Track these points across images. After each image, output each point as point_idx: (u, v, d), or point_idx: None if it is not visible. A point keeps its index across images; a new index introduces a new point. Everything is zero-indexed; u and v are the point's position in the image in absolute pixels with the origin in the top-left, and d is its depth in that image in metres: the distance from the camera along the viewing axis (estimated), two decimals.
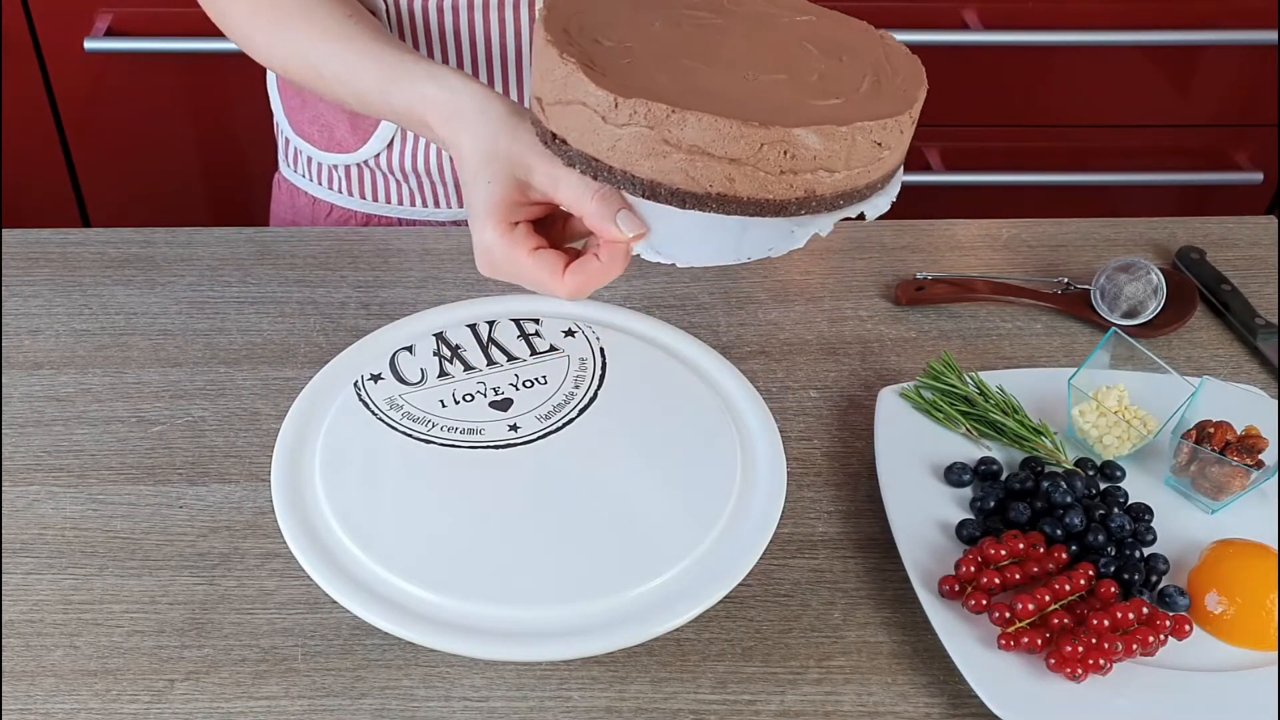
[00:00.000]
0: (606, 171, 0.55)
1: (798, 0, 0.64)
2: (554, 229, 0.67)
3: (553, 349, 0.77)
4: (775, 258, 0.60)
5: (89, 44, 1.48)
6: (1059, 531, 0.73)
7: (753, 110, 0.53)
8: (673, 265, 0.61)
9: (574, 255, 0.64)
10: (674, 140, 0.53)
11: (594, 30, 0.57)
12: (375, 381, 0.74)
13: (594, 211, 0.60)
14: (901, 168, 0.59)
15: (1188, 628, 0.69)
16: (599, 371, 0.76)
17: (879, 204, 0.58)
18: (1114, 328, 0.84)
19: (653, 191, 0.55)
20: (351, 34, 0.74)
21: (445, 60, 0.91)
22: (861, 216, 0.58)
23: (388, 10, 0.88)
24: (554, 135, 0.57)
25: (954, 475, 0.77)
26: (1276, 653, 0.69)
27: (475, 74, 0.92)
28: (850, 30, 0.62)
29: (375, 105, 0.72)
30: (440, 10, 0.88)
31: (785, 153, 0.52)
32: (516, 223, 0.64)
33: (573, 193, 0.60)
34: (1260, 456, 0.76)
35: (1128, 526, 0.74)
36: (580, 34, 0.57)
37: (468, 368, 0.76)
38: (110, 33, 1.49)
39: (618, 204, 0.59)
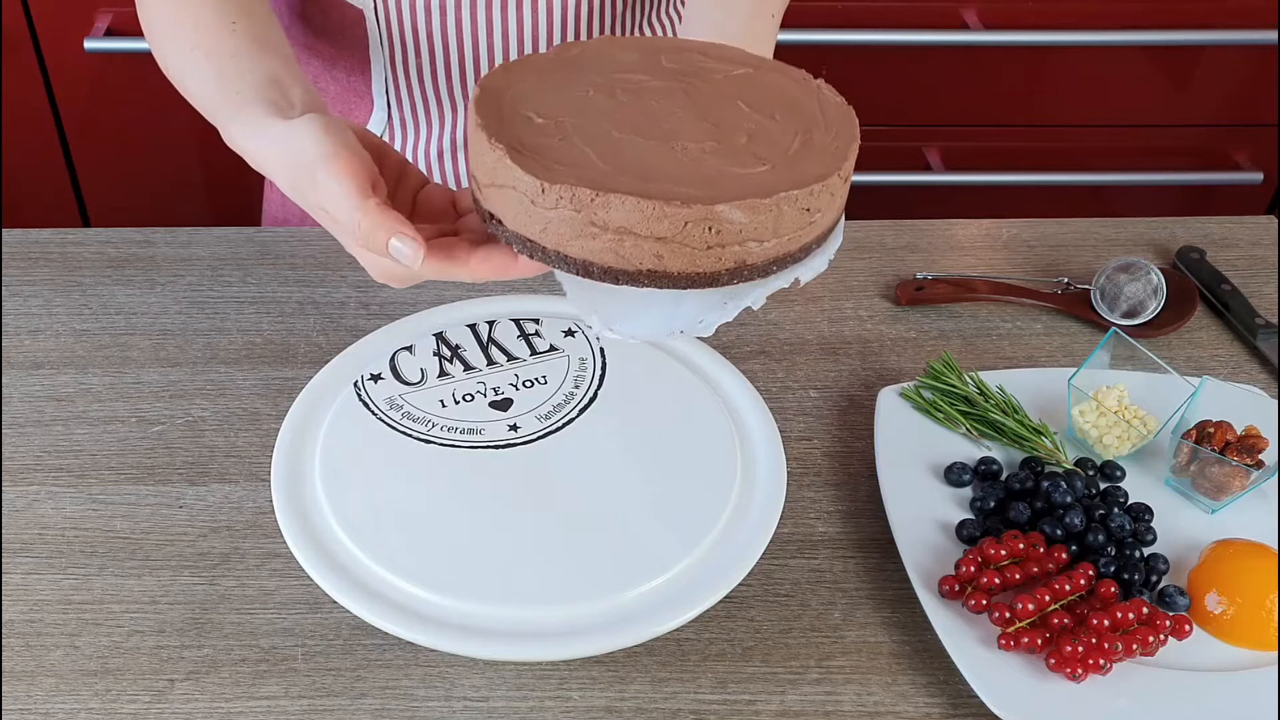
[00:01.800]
0: (541, 252, 0.56)
1: (736, 52, 0.63)
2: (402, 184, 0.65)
3: (553, 349, 0.77)
4: (709, 331, 0.60)
5: (89, 44, 1.48)
6: (1059, 531, 0.73)
7: (680, 184, 0.53)
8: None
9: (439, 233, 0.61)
10: (600, 222, 0.53)
11: (528, 103, 0.58)
12: (375, 381, 0.74)
13: (364, 238, 0.57)
14: (841, 223, 0.59)
15: (1188, 628, 0.69)
16: (599, 371, 0.76)
17: (815, 265, 0.58)
18: (1114, 328, 0.84)
19: (586, 270, 0.55)
20: (220, 50, 0.70)
21: (432, 62, 0.91)
22: (797, 282, 0.58)
23: (375, 11, 0.88)
24: (490, 215, 0.57)
25: (954, 475, 0.77)
26: (1276, 653, 0.69)
27: (462, 77, 0.92)
28: (786, 80, 0.61)
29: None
30: (428, 11, 0.88)
31: (710, 229, 0.53)
32: (373, 199, 0.59)
33: (343, 185, 0.57)
34: (1260, 456, 0.76)
35: (1128, 526, 0.74)
36: (512, 112, 0.57)
37: (468, 368, 0.76)
38: (110, 33, 1.49)
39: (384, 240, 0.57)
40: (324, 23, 0.93)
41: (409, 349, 0.77)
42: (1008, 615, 0.67)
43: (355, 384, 0.74)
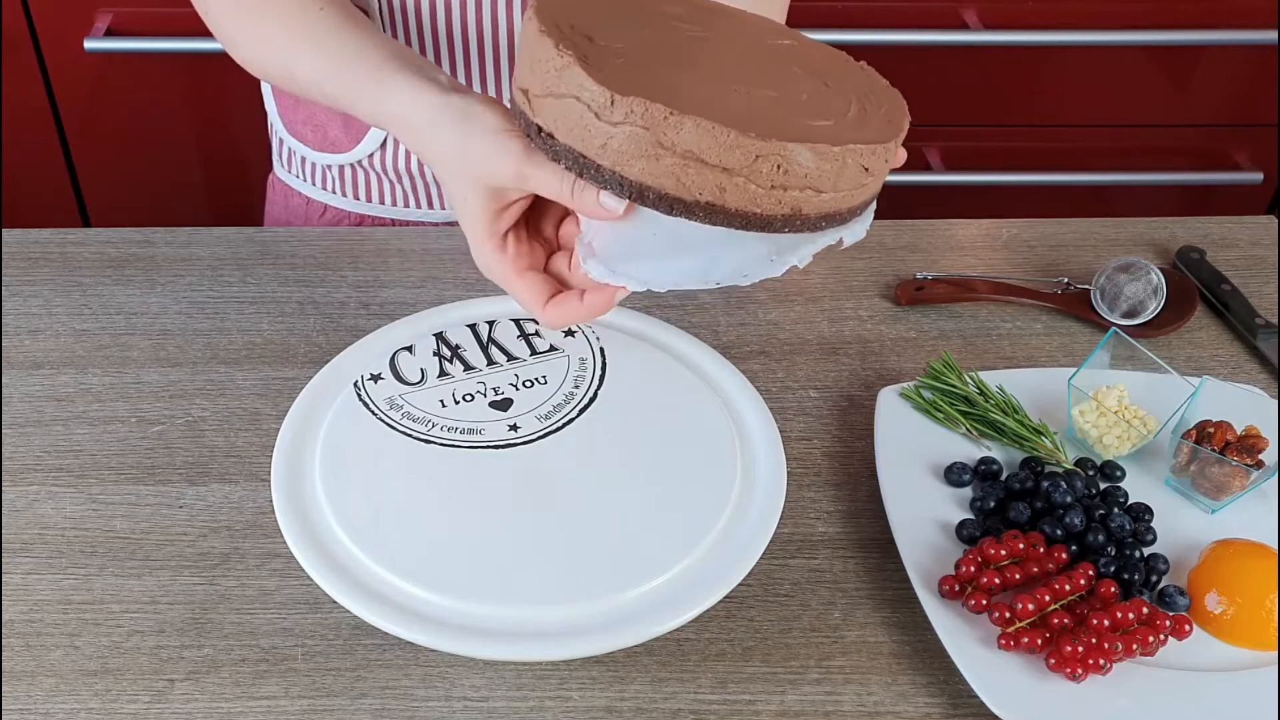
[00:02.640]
0: (594, 170, 0.54)
1: (778, 25, 0.63)
2: (544, 217, 0.68)
3: (553, 349, 0.77)
4: (749, 282, 0.60)
5: (89, 44, 1.48)
6: (1059, 531, 0.73)
7: (749, 122, 0.52)
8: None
9: (560, 286, 0.66)
10: (669, 144, 0.52)
11: (587, 27, 0.56)
12: (375, 381, 0.74)
13: (576, 198, 0.59)
14: (876, 197, 0.60)
15: (1188, 628, 0.69)
16: (599, 371, 0.76)
17: (856, 230, 0.59)
18: (1114, 328, 0.84)
19: (640, 194, 0.53)
20: (320, 34, 0.72)
21: (437, 58, 0.91)
22: (840, 243, 0.59)
23: (381, 9, 0.88)
24: (540, 129, 0.55)
25: (954, 475, 0.77)
26: (1276, 653, 0.69)
27: (466, 72, 0.92)
28: (831, 58, 0.61)
29: (350, 112, 0.72)
30: (432, 7, 0.88)
31: (779, 167, 0.52)
32: (506, 233, 0.65)
33: (548, 187, 0.60)
34: (1260, 456, 0.76)
35: (1128, 526, 0.74)
36: (571, 29, 0.56)
37: (468, 368, 0.76)
38: (110, 33, 1.49)
39: (596, 190, 0.58)
40: None
41: (409, 349, 0.77)
42: (1008, 615, 0.67)
43: (355, 384, 0.74)
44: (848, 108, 0.57)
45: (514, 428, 0.72)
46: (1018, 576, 0.71)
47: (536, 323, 0.79)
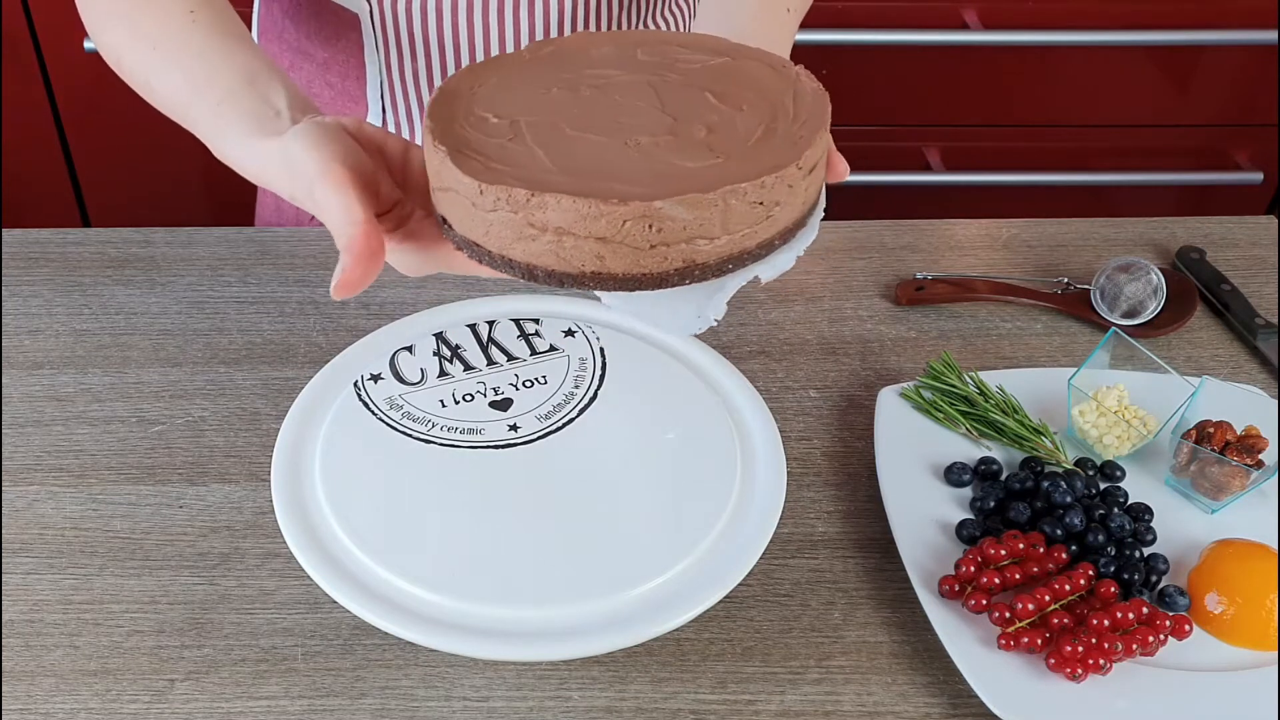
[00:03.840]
0: (487, 255, 0.54)
1: (718, 42, 0.61)
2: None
3: (552, 349, 0.77)
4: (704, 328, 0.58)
5: (89, 44, 1.47)
6: (1059, 531, 0.73)
7: (625, 181, 0.51)
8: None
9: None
10: (538, 223, 0.52)
11: (487, 103, 0.57)
12: (375, 381, 0.74)
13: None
14: (815, 217, 0.57)
15: (1188, 628, 0.69)
16: (599, 371, 0.76)
17: (779, 263, 0.56)
18: (1114, 328, 0.84)
19: (530, 274, 0.54)
20: (182, 47, 0.66)
21: (429, 65, 0.90)
22: (757, 280, 0.56)
23: (372, 15, 0.88)
24: (443, 219, 0.56)
25: (954, 475, 0.77)
26: (1276, 653, 0.69)
27: None
28: (763, 69, 0.59)
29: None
30: (424, 14, 0.87)
31: (651, 226, 0.51)
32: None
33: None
34: (1260, 456, 0.76)
35: (1128, 526, 0.74)
36: (468, 113, 0.56)
37: (468, 368, 0.76)
38: None
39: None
40: (318, 26, 0.93)
41: (409, 349, 0.77)
42: (1008, 615, 0.67)
43: (355, 384, 0.74)
44: (754, 133, 0.55)
45: (514, 428, 0.72)
46: (1018, 576, 0.71)
47: (537, 322, 0.79)
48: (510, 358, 0.77)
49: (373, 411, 0.73)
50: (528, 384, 0.75)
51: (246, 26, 0.72)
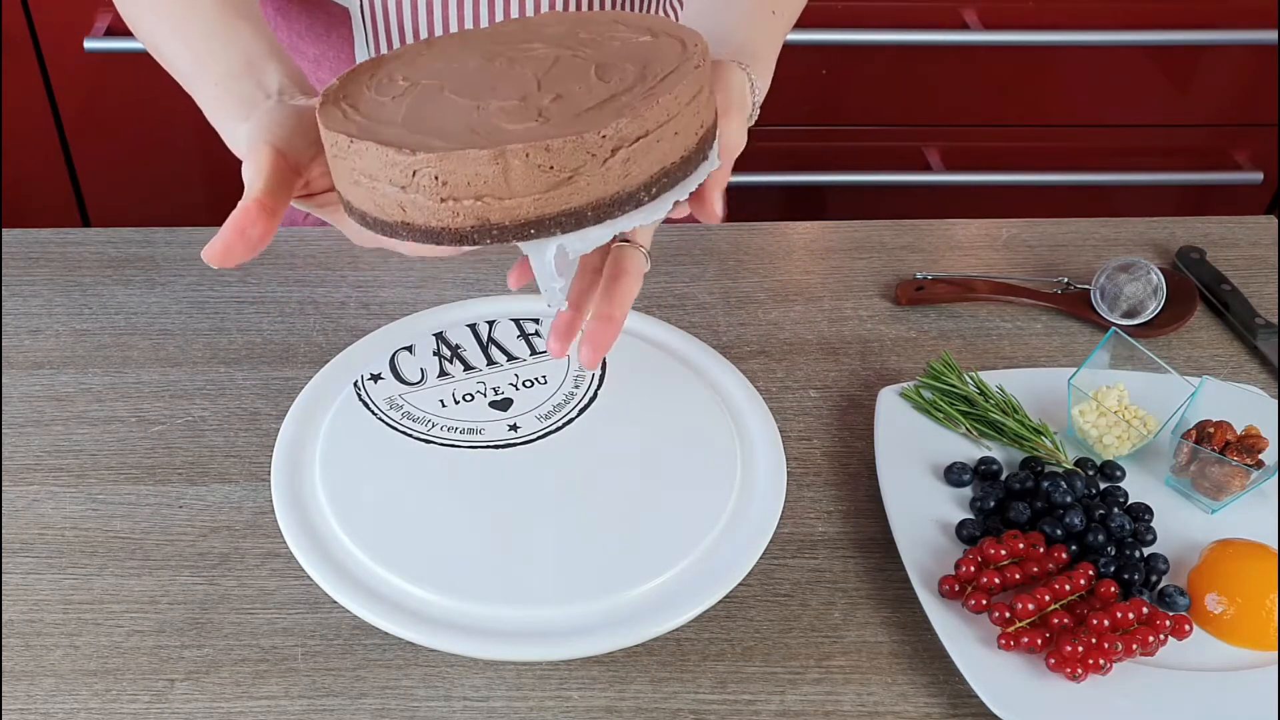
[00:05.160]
0: (343, 202, 0.58)
1: (660, 23, 0.61)
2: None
3: None
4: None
5: (89, 44, 1.48)
6: (1059, 531, 0.73)
7: (442, 137, 0.53)
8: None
9: None
10: (358, 169, 0.54)
11: (411, 67, 0.59)
12: (375, 381, 0.74)
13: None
14: (659, 206, 0.56)
15: (1188, 628, 0.69)
16: (599, 371, 0.76)
17: (592, 235, 0.55)
18: (1114, 328, 0.84)
19: (363, 219, 0.56)
20: (188, 17, 0.68)
21: None
22: (564, 250, 0.56)
23: (362, 10, 0.88)
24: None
25: (954, 475, 0.77)
26: (1276, 653, 0.69)
27: None
28: (674, 48, 0.58)
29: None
30: (414, 10, 0.87)
31: (437, 178, 0.52)
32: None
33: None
34: (1260, 456, 0.76)
35: (1128, 526, 0.74)
36: (389, 74, 0.59)
37: (468, 368, 0.76)
38: (110, 33, 1.49)
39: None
40: (310, 23, 0.93)
41: (409, 349, 0.77)
42: (1008, 615, 0.67)
43: (355, 384, 0.74)
44: (589, 101, 0.55)
45: (514, 428, 0.72)
46: (1018, 576, 0.71)
47: (537, 322, 0.79)
48: (510, 358, 0.77)
49: (373, 411, 0.73)
50: (528, 384, 0.75)
51: None
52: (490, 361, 0.76)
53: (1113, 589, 0.69)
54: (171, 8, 0.69)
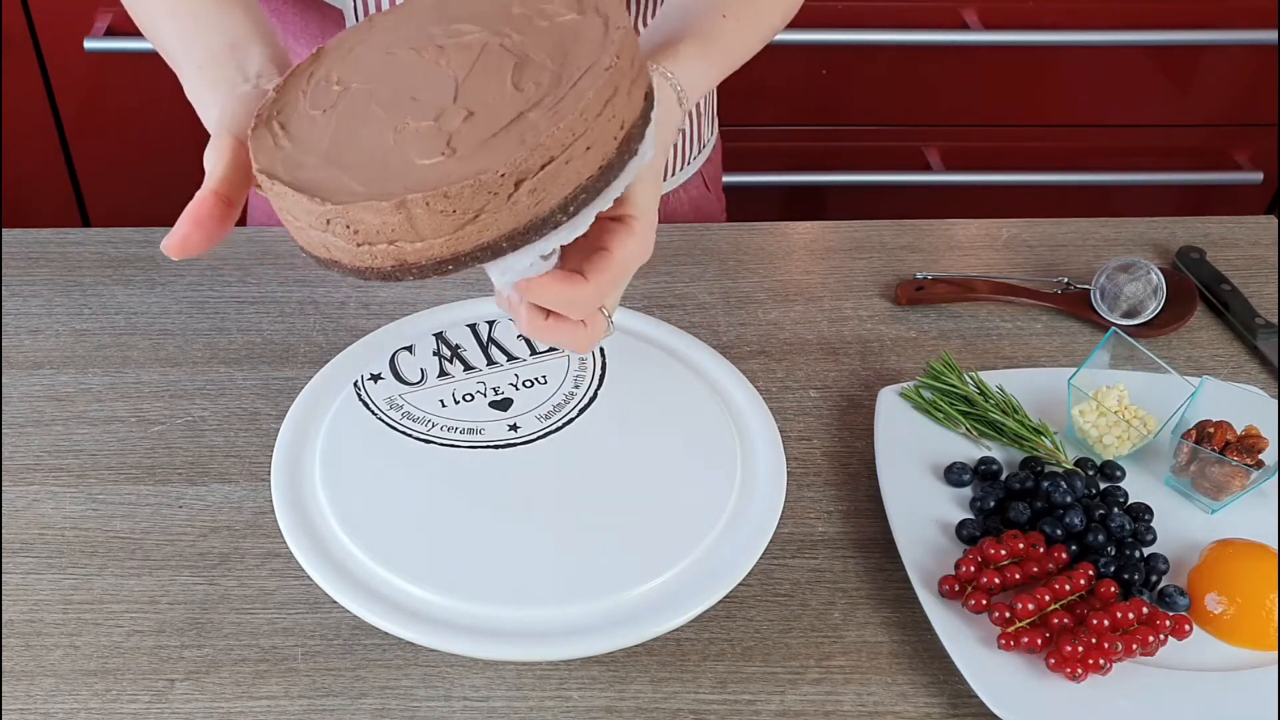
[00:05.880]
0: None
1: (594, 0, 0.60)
2: None
3: (552, 349, 0.77)
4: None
5: (89, 44, 1.48)
6: (1059, 531, 0.73)
7: (359, 175, 0.53)
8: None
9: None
10: (283, 209, 0.55)
11: (344, 67, 0.59)
12: (375, 381, 0.74)
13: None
14: (565, 229, 0.55)
15: (1188, 628, 0.69)
16: (599, 371, 0.76)
17: (514, 263, 0.56)
18: (1114, 328, 0.84)
19: (301, 251, 0.57)
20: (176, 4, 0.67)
21: None
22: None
23: (355, 7, 0.87)
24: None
25: (954, 475, 0.77)
26: (1276, 653, 0.69)
27: None
28: (595, 34, 0.57)
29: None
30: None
31: (348, 226, 0.53)
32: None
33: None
34: (1260, 456, 0.76)
35: (1128, 526, 0.74)
36: (327, 74, 0.59)
37: (468, 367, 0.76)
38: (110, 33, 1.49)
39: None
40: (304, 24, 0.93)
41: (409, 349, 0.77)
42: (1008, 615, 0.67)
43: (355, 384, 0.74)
44: (503, 122, 0.54)
45: (514, 428, 0.72)
46: (1018, 576, 0.71)
47: None
48: (510, 358, 0.77)
49: (373, 411, 0.72)
50: (528, 384, 0.75)
51: None
52: (490, 361, 0.76)
53: (1113, 589, 0.69)
54: None
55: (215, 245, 0.57)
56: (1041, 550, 0.72)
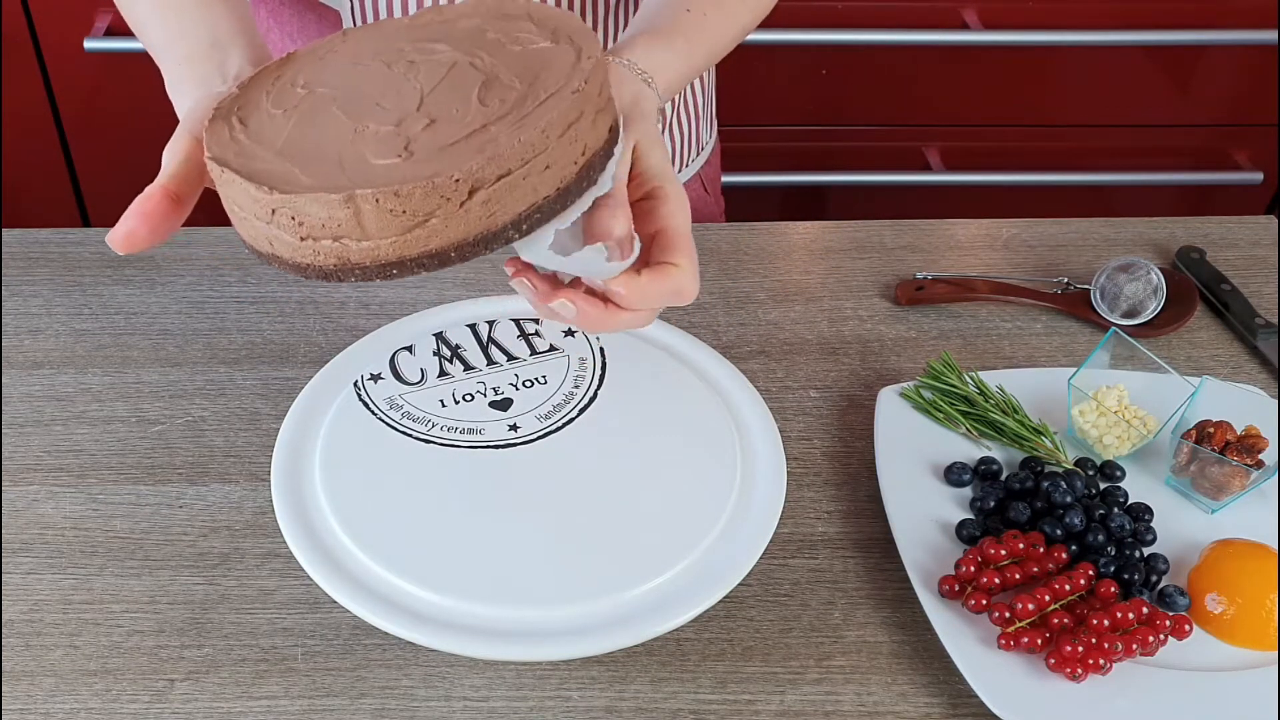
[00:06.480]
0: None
1: (566, 21, 0.59)
2: None
3: (552, 349, 0.77)
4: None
5: (89, 44, 1.48)
6: (1059, 531, 0.73)
7: (311, 170, 0.52)
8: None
9: None
10: (230, 198, 0.54)
11: (311, 71, 0.59)
12: (375, 381, 0.74)
13: None
14: (540, 234, 0.55)
15: (1188, 628, 0.69)
16: (599, 371, 0.76)
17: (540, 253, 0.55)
18: (1114, 327, 0.84)
19: (244, 244, 0.56)
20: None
21: None
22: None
23: (352, 8, 0.87)
24: None
25: (954, 475, 0.77)
26: (1276, 653, 0.69)
27: None
28: (569, 58, 0.57)
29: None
30: (405, 12, 0.87)
31: (293, 218, 0.52)
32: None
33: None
34: (1260, 456, 0.76)
35: (1128, 526, 0.74)
36: (292, 79, 0.59)
37: (468, 367, 0.76)
38: (110, 33, 1.49)
39: None
40: (300, 25, 0.93)
41: (409, 349, 0.77)
42: (1008, 615, 0.67)
43: (355, 384, 0.74)
44: (463, 133, 0.53)
45: (514, 428, 0.72)
46: (1018, 576, 0.71)
47: (537, 322, 0.79)
48: (510, 358, 0.77)
49: (373, 411, 0.72)
50: (528, 384, 0.75)
51: None
52: (490, 361, 0.76)
53: (1113, 589, 0.69)
54: None
55: (160, 241, 0.56)
56: (1041, 550, 0.72)
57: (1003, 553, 0.71)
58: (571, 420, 0.73)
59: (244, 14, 0.67)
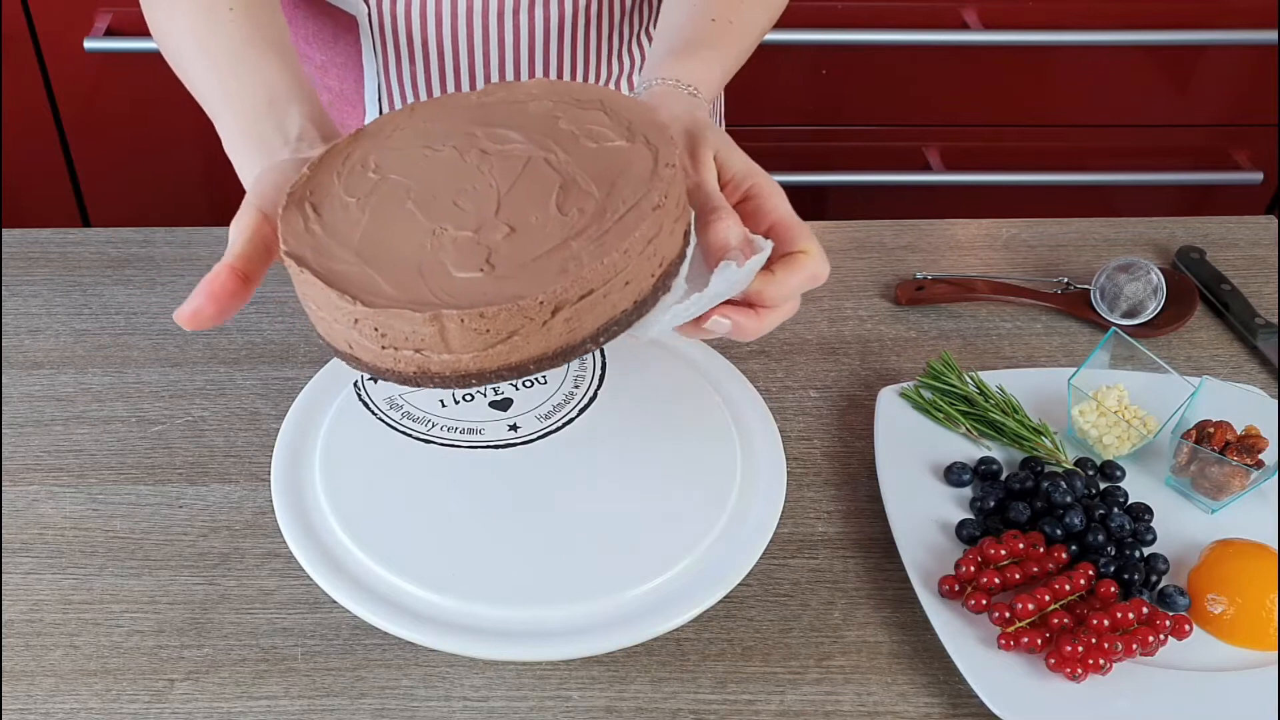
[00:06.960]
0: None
1: (639, 113, 0.59)
2: None
3: None
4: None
5: (89, 44, 1.48)
6: (1059, 531, 0.73)
7: (391, 277, 0.53)
8: None
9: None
10: (308, 296, 0.55)
11: (384, 152, 0.59)
12: (375, 381, 0.74)
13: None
14: (593, 343, 0.55)
15: (1188, 628, 0.69)
16: (599, 371, 0.76)
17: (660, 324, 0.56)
18: (1114, 327, 0.84)
19: (319, 336, 0.57)
20: (217, 44, 0.67)
21: (426, 70, 0.90)
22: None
23: (370, 18, 0.88)
24: None
25: (954, 475, 0.77)
26: (1276, 653, 0.69)
27: (457, 85, 0.91)
28: (647, 160, 0.56)
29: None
30: (423, 18, 0.87)
31: (376, 329, 0.53)
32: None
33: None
34: (1260, 456, 0.76)
35: (1128, 526, 0.74)
36: (363, 159, 0.58)
37: None
38: (110, 33, 1.49)
39: None
40: (317, 29, 0.93)
41: None
42: (1008, 615, 0.67)
43: (355, 384, 0.74)
44: (545, 247, 0.53)
45: (514, 428, 0.72)
46: (1018, 576, 0.71)
47: None
48: None
49: (372, 411, 0.72)
50: (528, 384, 0.75)
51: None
52: None
53: (1113, 589, 0.69)
54: (198, 29, 0.69)
55: (229, 318, 0.56)
56: (1041, 550, 0.72)
57: (1003, 553, 0.71)
58: (571, 420, 0.73)
59: (296, 68, 0.67)
